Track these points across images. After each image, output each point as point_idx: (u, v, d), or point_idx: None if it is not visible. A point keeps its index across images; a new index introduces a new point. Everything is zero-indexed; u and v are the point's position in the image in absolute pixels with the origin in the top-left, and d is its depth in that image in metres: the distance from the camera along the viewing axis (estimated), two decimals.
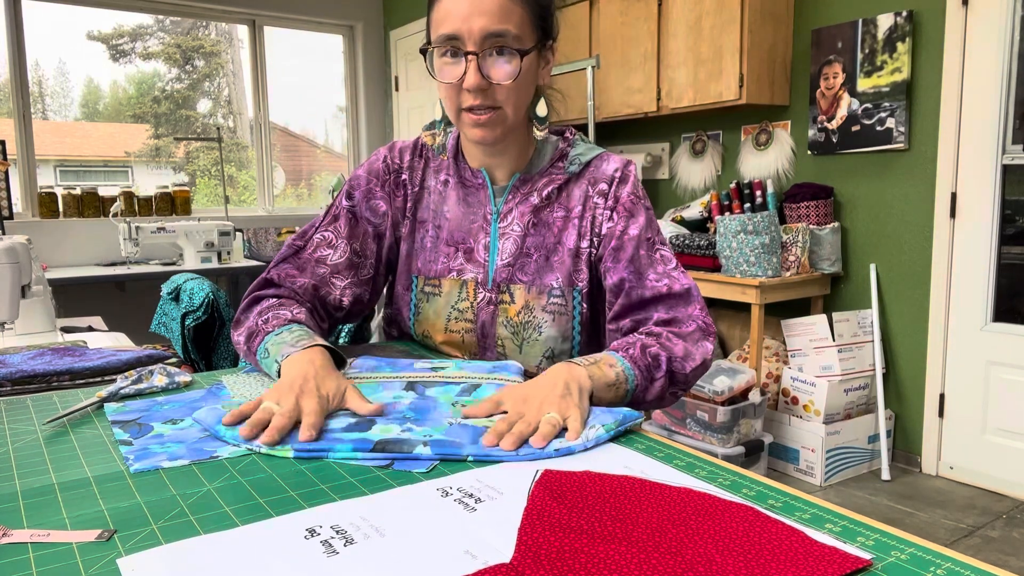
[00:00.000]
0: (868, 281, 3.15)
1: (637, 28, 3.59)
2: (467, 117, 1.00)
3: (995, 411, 2.85)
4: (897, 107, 2.95)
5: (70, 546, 0.52)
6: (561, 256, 1.08)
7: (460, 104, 0.99)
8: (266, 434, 0.72)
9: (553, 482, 0.60)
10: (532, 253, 1.09)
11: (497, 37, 0.94)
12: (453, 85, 0.98)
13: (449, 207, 1.12)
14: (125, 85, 5.83)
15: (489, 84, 0.96)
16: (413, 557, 0.50)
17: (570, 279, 1.08)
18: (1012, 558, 2.37)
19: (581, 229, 1.08)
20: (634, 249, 1.05)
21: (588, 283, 1.09)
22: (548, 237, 1.09)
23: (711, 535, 0.51)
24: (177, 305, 1.68)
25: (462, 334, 1.11)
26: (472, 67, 0.95)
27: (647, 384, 0.93)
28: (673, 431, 3.01)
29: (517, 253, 1.09)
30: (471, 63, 0.95)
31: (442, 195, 1.13)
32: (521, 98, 1.01)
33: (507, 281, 1.09)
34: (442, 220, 1.13)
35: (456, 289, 1.10)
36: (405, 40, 5.11)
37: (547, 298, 1.07)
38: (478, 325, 1.10)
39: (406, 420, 0.78)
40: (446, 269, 1.11)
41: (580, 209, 1.09)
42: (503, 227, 1.09)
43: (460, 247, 1.11)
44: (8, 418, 0.83)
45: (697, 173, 3.78)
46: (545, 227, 1.09)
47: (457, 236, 1.11)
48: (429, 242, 1.13)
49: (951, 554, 0.49)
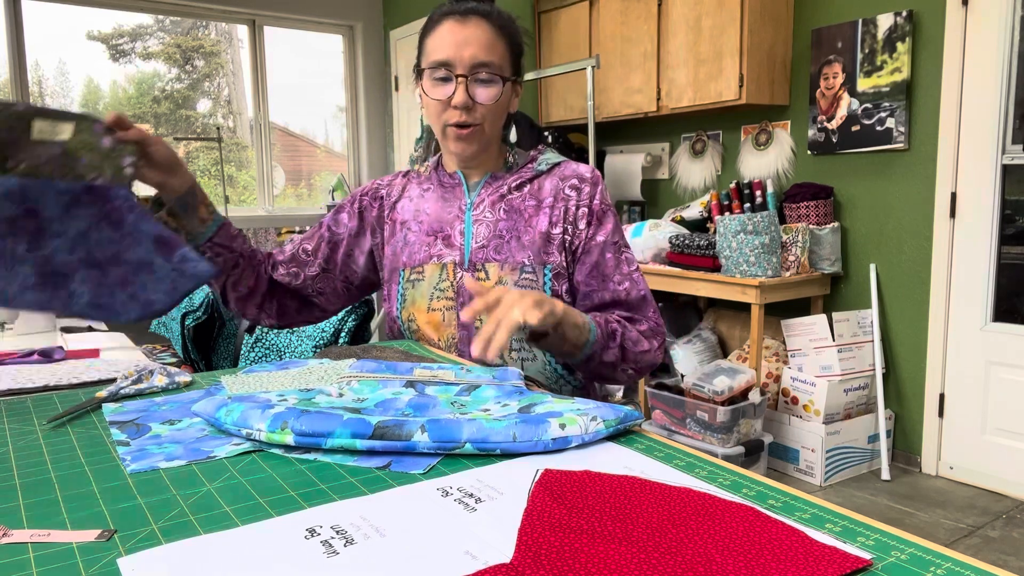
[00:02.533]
0: (868, 281, 3.15)
1: (637, 28, 3.59)
2: (451, 132, 1.16)
3: (995, 411, 2.85)
4: (897, 107, 2.95)
5: (70, 546, 0.52)
6: (532, 236, 1.19)
7: (446, 120, 1.15)
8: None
9: (553, 482, 0.60)
10: (505, 235, 1.20)
11: (483, 66, 1.11)
12: (442, 103, 1.14)
13: (428, 205, 1.27)
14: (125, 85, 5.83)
15: (473, 103, 1.13)
16: (413, 557, 0.50)
17: (540, 258, 1.18)
18: (1012, 558, 2.37)
19: (553, 217, 1.20)
20: (600, 254, 1.19)
21: (562, 266, 1.19)
22: (519, 221, 1.20)
23: (711, 535, 0.51)
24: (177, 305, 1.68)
25: (443, 312, 1.21)
26: (461, 88, 1.11)
27: (604, 344, 1.09)
28: (673, 431, 3.01)
29: (491, 236, 1.20)
30: (460, 84, 1.11)
31: (423, 198, 1.28)
32: (498, 118, 1.18)
33: (482, 261, 1.20)
34: (423, 216, 1.26)
35: (437, 272, 1.22)
36: (405, 40, 5.11)
37: (519, 274, 1.18)
38: (457, 303, 1.20)
39: (405, 416, 0.78)
40: (427, 256, 1.23)
41: (551, 200, 1.21)
42: (476, 214, 1.22)
43: (439, 235, 1.24)
44: (8, 418, 0.83)
45: (697, 173, 3.78)
46: (516, 213, 1.20)
47: (436, 226, 1.24)
48: (412, 236, 1.26)
49: (951, 554, 0.49)
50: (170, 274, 0.97)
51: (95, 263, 0.96)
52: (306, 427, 0.71)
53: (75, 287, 0.95)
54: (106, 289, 0.96)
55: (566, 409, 0.77)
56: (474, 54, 1.11)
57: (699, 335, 3.61)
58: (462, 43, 1.10)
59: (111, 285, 0.96)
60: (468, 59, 1.10)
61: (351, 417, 0.72)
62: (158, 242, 0.97)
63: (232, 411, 0.76)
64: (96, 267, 0.96)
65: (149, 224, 0.98)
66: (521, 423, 0.71)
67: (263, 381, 0.94)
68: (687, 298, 3.78)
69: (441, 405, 0.82)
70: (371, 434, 0.70)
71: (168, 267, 0.97)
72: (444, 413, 0.79)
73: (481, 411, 0.80)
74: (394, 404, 0.82)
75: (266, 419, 0.73)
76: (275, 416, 0.73)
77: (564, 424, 0.72)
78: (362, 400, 0.84)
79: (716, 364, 3.00)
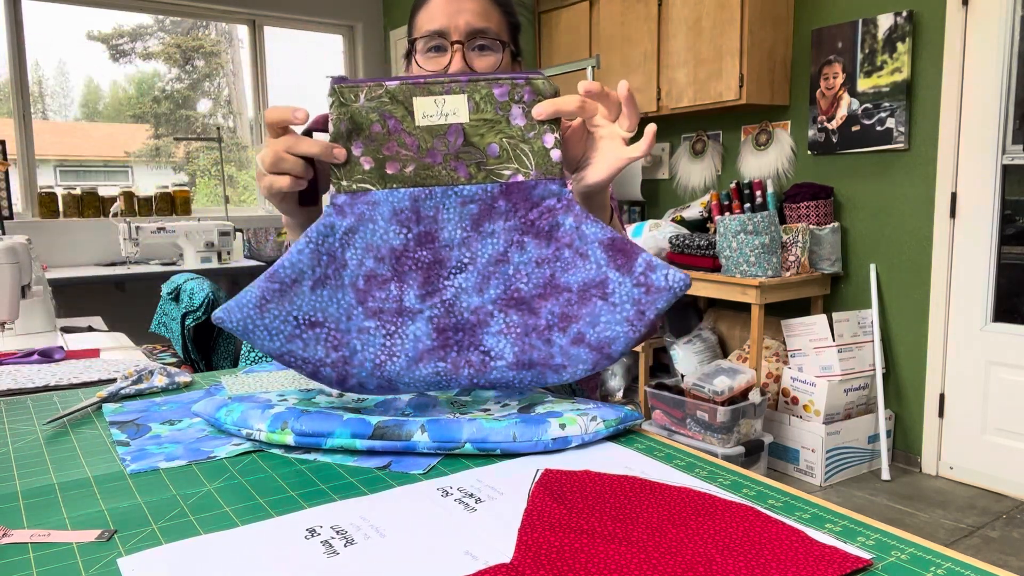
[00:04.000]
0: (868, 281, 3.15)
1: (637, 28, 3.59)
2: None
3: (995, 411, 2.85)
4: (897, 107, 2.95)
5: (70, 546, 0.52)
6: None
7: None
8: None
9: (553, 482, 0.60)
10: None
11: (480, 32, 1.03)
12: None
13: None
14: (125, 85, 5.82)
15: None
16: (413, 557, 0.50)
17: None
18: (1012, 558, 2.37)
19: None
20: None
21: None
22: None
23: (711, 535, 0.51)
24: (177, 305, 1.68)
25: None
26: (458, 55, 1.03)
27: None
28: (673, 431, 3.01)
29: None
30: (456, 52, 1.03)
31: None
32: None
33: None
34: None
35: None
36: (405, 40, 5.11)
37: None
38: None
39: (405, 416, 0.78)
40: None
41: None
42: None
43: None
44: (8, 418, 0.83)
45: (697, 173, 3.78)
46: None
47: None
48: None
49: (951, 554, 0.49)
50: (632, 294, 0.69)
51: (517, 301, 0.69)
52: (306, 427, 0.71)
53: (490, 344, 0.70)
54: (536, 337, 0.70)
55: (566, 409, 0.76)
56: (469, 21, 1.04)
57: (699, 335, 3.61)
58: (455, 12, 1.04)
59: (543, 330, 0.70)
60: (463, 26, 1.03)
61: (351, 417, 0.72)
62: (611, 250, 0.69)
63: (232, 411, 0.76)
64: (519, 306, 0.70)
65: (595, 227, 0.70)
66: (521, 423, 0.71)
67: (263, 381, 0.94)
68: (687, 298, 3.78)
69: (441, 405, 0.82)
70: (371, 434, 0.70)
71: (629, 284, 0.69)
72: (444, 413, 0.79)
73: (481, 411, 0.80)
74: (394, 404, 0.82)
75: (266, 419, 0.73)
76: (275, 416, 0.73)
77: (564, 424, 0.72)
78: (362, 400, 0.84)
79: (716, 364, 3.00)
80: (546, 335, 0.69)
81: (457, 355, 0.70)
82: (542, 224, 0.69)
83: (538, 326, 0.69)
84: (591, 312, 0.69)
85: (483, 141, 0.69)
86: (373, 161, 0.69)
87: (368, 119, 0.69)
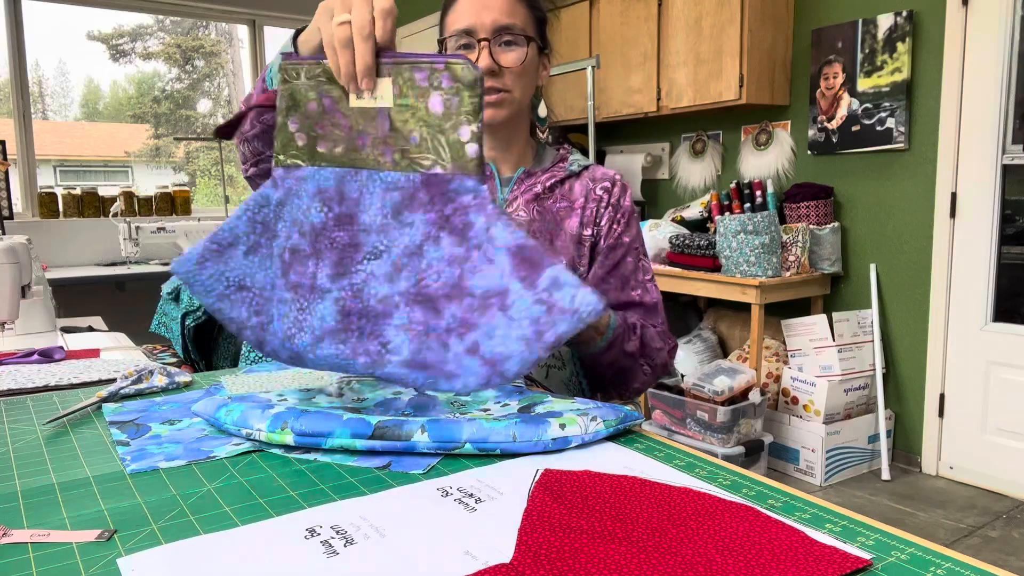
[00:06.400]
0: (868, 281, 3.15)
1: (637, 28, 3.59)
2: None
3: (995, 411, 2.85)
4: (897, 107, 2.95)
5: (70, 546, 0.52)
6: (564, 241, 1.16)
7: None
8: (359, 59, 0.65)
9: (553, 482, 0.60)
10: (537, 238, 1.16)
11: (506, 29, 1.08)
12: None
13: None
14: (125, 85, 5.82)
15: (499, 68, 1.09)
16: (413, 557, 0.50)
17: (572, 263, 1.16)
18: (1012, 558, 2.37)
19: (584, 218, 1.17)
20: (623, 256, 1.17)
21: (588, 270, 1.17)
22: (552, 224, 1.17)
23: (711, 535, 0.51)
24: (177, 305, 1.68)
25: None
26: (485, 52, 1.08)
27: (625, 332, 1.06)
28: (673, 431, 3.01)
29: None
30: (484, 48, 1.08)
31: None
32: (527, 84, 1.14)
33: None
34: None
35: None
36: (406, 40, 5.11)
37: None
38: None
39: (405, 416, 0.78)
40: None
41: (583, 200, 1.18)
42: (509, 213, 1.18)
43: None
44: (8, 418, 0.83)
45: (697, 173, 3.78)
46: (549, 215, 1.17)
47: None
48: None
49: (951, 554, 0.49)
50: (531, 312, 0.64)
51: (424, 297, 0.67)
52: (306, 427, 0.71)
53: (390, 336, 0.68)
54: (435, 339, 0.67)
55: (566, 409, 0.76)
56: (495, 18, 1.08)
57: (699, 335, 3.61)
58: (481, 9, 1.09)
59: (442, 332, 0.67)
60: (490, 24, 1.08)
61: (351, 417, 0.72)
62: (516, 258, 0.65)
63: (232, 411, 0.76)
64: (425, 304, 0.67)
65: (505, 231, 0.66)
66: (521, 423, 0.71)
67: (263, 381, 0.94)
68: (687, 298, 3.78)
69: (441, 405, 0.82)
70: (371, 434, 0.70)
71: (529, 299, 0.64)
72: (444, 413, 0.79)
73: (481, 411, 0.79)
74: (394, 404, 0.82)
75: (266, 419, 0.73)
76: (275, 416, 0.73)
77: (564, 424, 0.72)
78: (362, 400, 0.84)
79: (716, 364, 3.00)
80: (444, 339, 0.67)
81: (357, 341, 0.69)
82: (456, 221, 0.66)
83: (438, 328, 0.67)
84: (488, 323, 0.65)
85: (406, 128, 0.67)
86: (306, 138, 0.71)
87: (306, 96, 0.70)
